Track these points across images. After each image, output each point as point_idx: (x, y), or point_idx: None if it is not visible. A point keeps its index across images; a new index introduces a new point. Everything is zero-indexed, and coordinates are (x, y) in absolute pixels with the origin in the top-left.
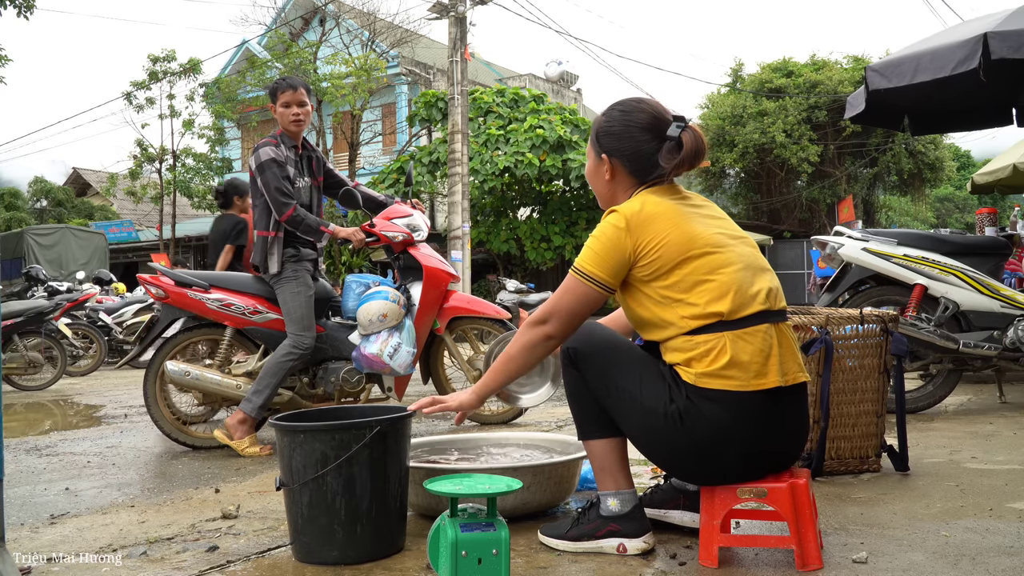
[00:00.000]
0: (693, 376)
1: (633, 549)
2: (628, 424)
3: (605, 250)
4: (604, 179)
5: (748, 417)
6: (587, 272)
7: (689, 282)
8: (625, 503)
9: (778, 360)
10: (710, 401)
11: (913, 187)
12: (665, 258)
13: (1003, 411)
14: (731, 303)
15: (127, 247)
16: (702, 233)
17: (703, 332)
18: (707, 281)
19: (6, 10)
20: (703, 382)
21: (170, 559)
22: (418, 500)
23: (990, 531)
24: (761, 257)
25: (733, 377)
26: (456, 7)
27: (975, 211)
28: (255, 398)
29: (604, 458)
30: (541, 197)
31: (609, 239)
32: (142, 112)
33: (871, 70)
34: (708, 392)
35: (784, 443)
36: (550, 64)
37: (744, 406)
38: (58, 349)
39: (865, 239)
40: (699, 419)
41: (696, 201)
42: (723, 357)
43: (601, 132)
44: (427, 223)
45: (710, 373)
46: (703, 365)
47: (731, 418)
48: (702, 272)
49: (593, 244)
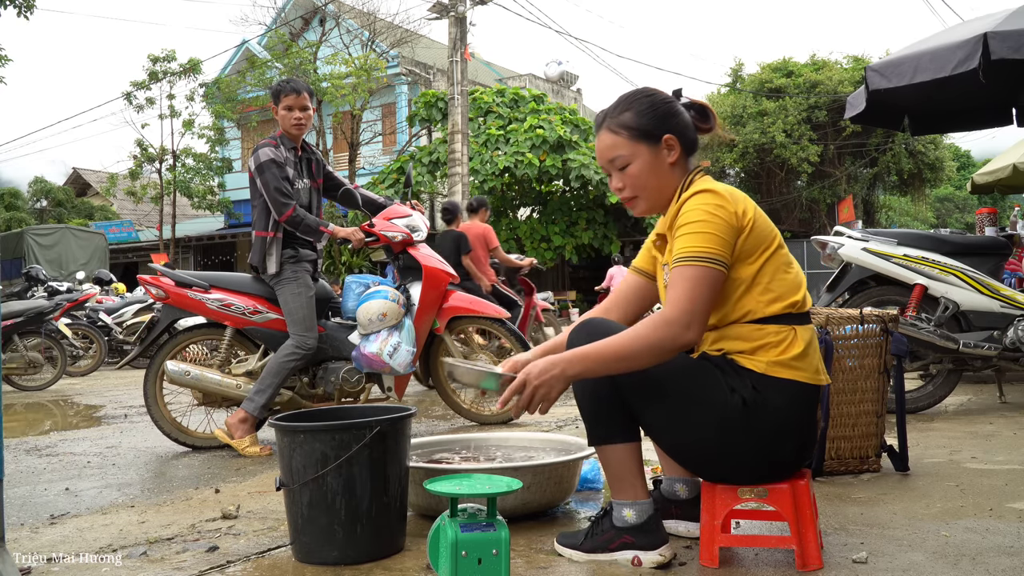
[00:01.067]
0: (764, 365)
1: (648, 562)
2: (669, 420)
3: (719, 228)
4: (667, 164)
5: (809, 410)
6: (715, 256)
7: (772, 268)
8: (641, 514)
9: (820, 358)
10: (779, 392)
11: (913, 187)
12: (757, 238)
13: (1003, 411)
14: (804, 295)
15: (127, 247)
16: (771, 223)
17: (774, 322)
18: (786, 272)
19: (6, 10)
20: (774, 371)
21: (170, 559)
22: (418, 500)
23: (990, 531)
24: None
25: (802, 369)
26: (456, 7)
27: (975, 211)
28: (257, 398)
29: (622, 465)
30: (541, 197)
31: (718, 216)
32: (142, 112)
33: (871, 70)
34: (779, 382)
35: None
36: (550, 64)
37: (808, 399)
38: (58, 349)
39: (865, 239)
40: (765, 409)
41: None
42: (795, 347)
43: (665, 113)
44: (426, 223)
45: (783, 363)
46: (776, 354)
47: (796, 410)
48: (782, 262)
49: (703, 227)
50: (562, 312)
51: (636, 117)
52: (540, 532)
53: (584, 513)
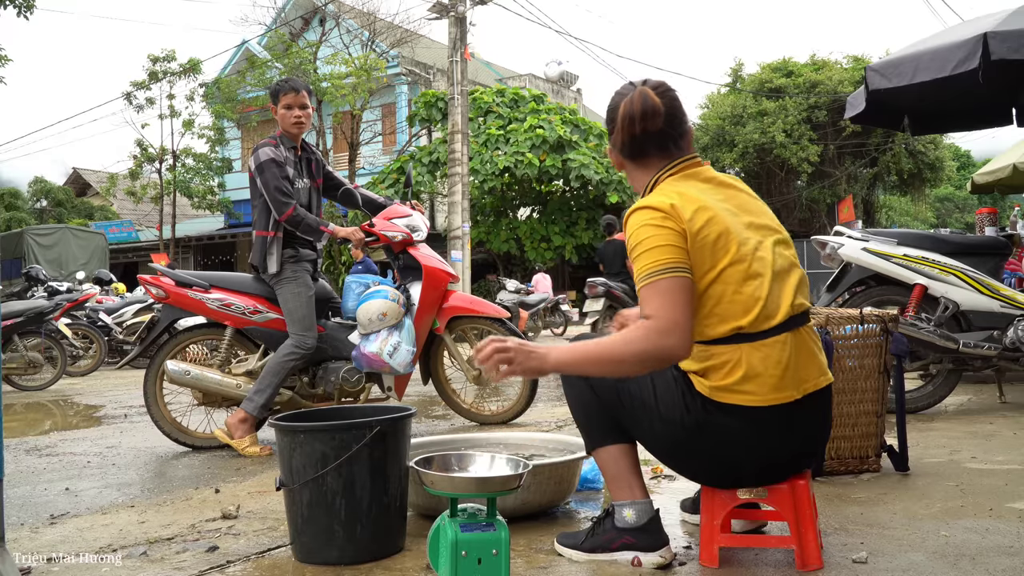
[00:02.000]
0: (708, 389)
1: (648, 564)
2: (642, 431)
3: (665, 238)
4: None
5: (765, 430)
6: (673, 263)
7: (720, 289)
8: (641, 515)
9: (794, 371)
10: (726, 414)
11: (913, 187)
12: (702, 251)
13: (1003, 411)
14: (754, 317)
15: (127, 247)
16: (734, 233)
17: (721, 343)
18: (737, 292)
19: (6, 10)
20: (718, 396)
21: (170, 559)
22: (418, 500)
23: (990, 531)
24: (789, 250)
25: (749, 392)
26: (456, 7)
27: (975, 211)
28: (257, 397)
29: (616, 464)
30: (541, 197)
31: (660, 227)
32: (142, 112)
33: (871, 70)
34: (724, 406)
35: (803, 446)
36: (550, 64)
37: (761, 420)
38: (58, 349)
39: (865, 239)
40: (716, 431)
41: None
42: (738, 371)
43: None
44: (426, 223)
45: (725, 387)
46: (718, 378)
47: (748, 431)
48: (734, 280)
49: (649, 243)
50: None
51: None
52: (540, 532)
53: (584, 513)
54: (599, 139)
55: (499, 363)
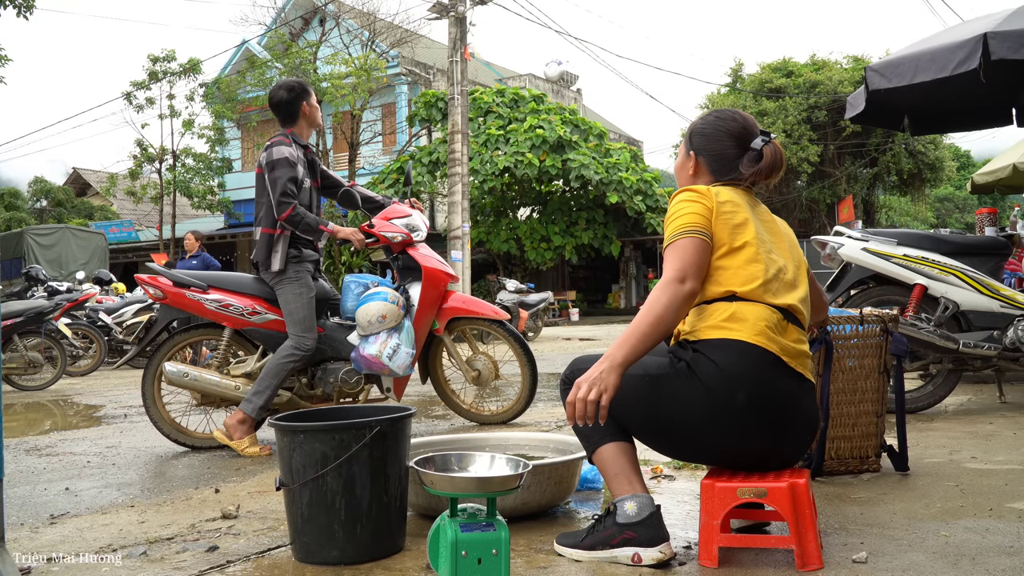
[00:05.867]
0: (697, 333)
1: (648, 559)
2: (639, 411)
3: (690, 209)
4: (688, 174)
5: (752, 363)
6: (691, 226)
7: (731, 263)
8: (643, 508)
9: (779, 336)
10: (714, 348)
11: (913, 187)
12: (724, 227)
13: (1003, 411)
14: (751, 288)
15: (127, 247)
16: (755, 229)
17: (714, 302)
18: (746, 268)
19: (6, 10)
20: (707, 334)
21: (170, 559)
22: (418, 500)
23: (990, 531)
24: (802, 275)
25: (734, 329)
26: (456, 7)
27: (975, 211)
28: (256, 399)
29: (616, 462)
30: (541, 197)
31: (689, 202)
32: (142, 112)
33: (871, 70)
34: (712, 341)
35: (785, 429)
36: (550, 64)
37: (748, 353)
38: (58, 349)
39: (865, 239)
40: (707, 364)
41: (763, 214)
42: (726, 312)
43: (695, 132)
44: (426, 223)
45: (713, 325)
46: (709, 322)
47: (736, 361)
48: (744, 259)
49: (676, 214)
50: (562, 312)
51: (694, 124)
52: (540, 532)
53: (584, 513)
54: (599, 139)
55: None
